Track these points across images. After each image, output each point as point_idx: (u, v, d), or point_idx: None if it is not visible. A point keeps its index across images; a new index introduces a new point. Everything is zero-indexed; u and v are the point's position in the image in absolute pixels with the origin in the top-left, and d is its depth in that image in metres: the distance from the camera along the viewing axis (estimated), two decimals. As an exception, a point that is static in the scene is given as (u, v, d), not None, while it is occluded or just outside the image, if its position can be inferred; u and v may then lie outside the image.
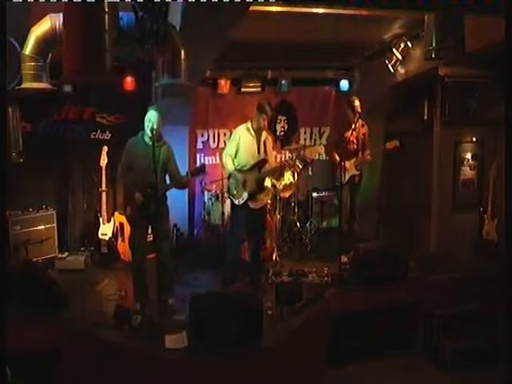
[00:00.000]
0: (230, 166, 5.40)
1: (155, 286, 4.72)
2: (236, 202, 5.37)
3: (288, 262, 6.40)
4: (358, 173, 6.29)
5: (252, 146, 5.41)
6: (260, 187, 5.42)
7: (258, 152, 5.42)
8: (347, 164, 6.14)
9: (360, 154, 6.27)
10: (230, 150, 5.44)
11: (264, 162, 5.43)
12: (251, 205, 5.36)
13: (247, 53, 6.83)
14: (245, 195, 5.32)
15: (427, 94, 6.92)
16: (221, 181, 6.72)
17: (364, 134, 6.32)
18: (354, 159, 6.24)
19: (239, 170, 5.38)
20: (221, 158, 5.59)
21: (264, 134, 5.50)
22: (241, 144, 5.39)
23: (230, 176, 5.45)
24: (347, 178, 6.18)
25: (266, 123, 5.41)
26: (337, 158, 6.23)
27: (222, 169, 6.42)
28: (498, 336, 5.00)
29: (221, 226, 6.70)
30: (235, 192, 5.36)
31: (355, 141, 6.25)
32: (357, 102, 6.16)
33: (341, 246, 5.99)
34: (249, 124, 5.44)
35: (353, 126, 6.16)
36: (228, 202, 6.02)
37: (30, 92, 4.47)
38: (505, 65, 3.21)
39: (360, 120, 6.20)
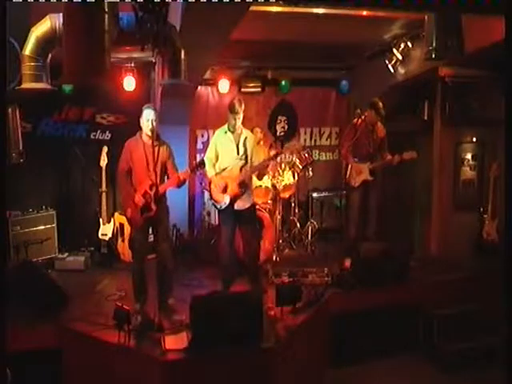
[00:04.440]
0: (210, 172, 5.34)
1: (155, 286, 4.72)
2: (218, 206, 5.33)
3: (288, 262, 6.39)
4: (371, 178, 6.11)
5: (230, 148, 5.30)
6: (243, 189, 5.36)
7: (238, 153, 5.33)
8: (360, 167, 6.06)
9: (375, 158, 6.13)
10: (209, 154, 5.36)
11: (243, 163, 5.31)
12: (236, 206, 5.30)
13: (247, 53, 6.84)
14: (226, 200, 5.26)
15: (427, 94, 6.91)
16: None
17: (382, 138, 6.18)
18: (368, 163, 6.11)
19: (221, 174, 5.31)
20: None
21: (244, 133, 5.36)
22: (219, 148, 5.31)
23: (210, 181, 5.41)
24: (360, 181, 6.12)
25: (239, 121, 5.25)
26: (349, 159, 6.14)
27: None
28: (498, 336, 5.01)
29: (221, 226, 6.70)
30: (216, 198, 5.33)
31: (371, 144, 6.14)
32: (380, 104, 6.05)
33: (345, 249, 5.99)
34: (225, 126, 5.34)
35: (371, 128, 6.11)
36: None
37: (30, 92, 4.47)
38: (505, 65, 3.21)
39: (379, 123, 6.15)
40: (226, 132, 5.33)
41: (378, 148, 6.19)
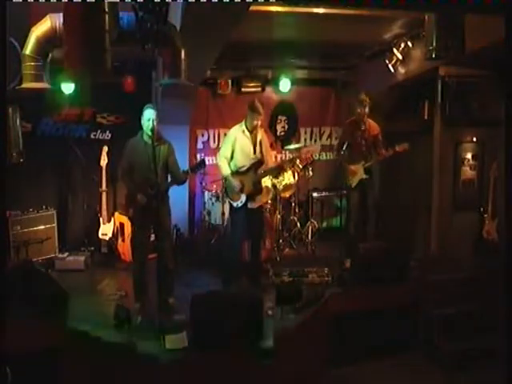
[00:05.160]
0: (225, 170, 5.39)
1: (155, 285, 4.72)
2: (234, 204, 5.37)
3: (288, 262, 6.39)
4: (366, 176, 6.13)
5: (247, 148, 5.39)
6: (257, 188, 5.41)
7: (254, 152, 5.40)
8: (354, 167, 6.06)
9: (370, 156, 6.12)
10: (225, 152, 5.41)
11: (260, 163, 5.41)
12: (249, 205, 5.36)
13: (247, 53, 6.83)
14: (243, 198, 5.32)
15: (427, 93, 6.90)
16: (221, 181, 6.71)
17: (375, 135, 6.18)
18: (363, 162, 6.11)
19: (236, 172, 5.37)
20: (217, 160, 5.56)
21: (259, 133, 5.46)
22: (236, 146, 5.37)
23: (225, 179, 5.44)
24: (356, 181, 6.12)
25: (259, 122, 5.37)
26: (343, 160, 6.14)
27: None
28: (498, 336, 5.01)
29: (221, 225, 6.71)
30: (233, 195, 5.35)
31: (363, 142, 6.14)
32: (365, 97, 6.10)
33: (345, 249, 5.98)
34: (243, 125, 5.41)
35: (362, 127, 6.11)
36: (228, 202, 6.01)
37: (30, 92, 4.47)
38: (505, 65, 3.21)
39: (369, 119, 6.15)
40: (243, 131, 5.38)
41: (373, 146, 6.17)
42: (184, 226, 7.20)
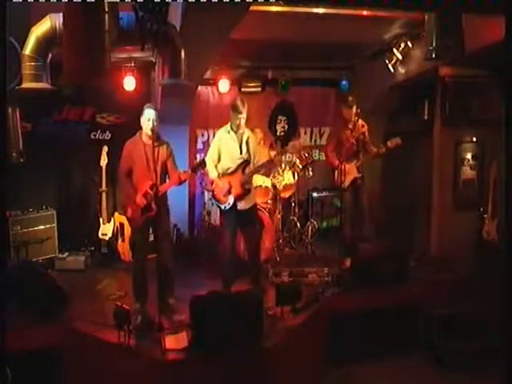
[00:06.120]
0: (212, 173, 5.35)
1: (155, 285, 4.72)
2: (222, 207, 5.34)
3: (288, 262, 6.39)
4: (359, 175, 6.15)
5: (234, 149, 5.32)
6: (246, 188, 5.36)
7: (240, 153, 5.34)
8: (347, 167, 6.06)
9: (361, 154, 6.15)
10: (212, 155, 5.37)
11: (247, 163, 5.36)
12: (239, 206, 5.31)
13: (247, 53, 6.83)
14: (230, 200, 5.27)
15: (427, 93, 6.91)
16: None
17: (363, 133, 6.20)
18: (355, 161, 6.12)
19: (223, 174, 5.34)
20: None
21: (246, 132, 5.37)
22: (222, 148, 5.32)
23: (213, 182, 5.41)
24: (349, 181, 6.11)
25: (242, 121, 5.27)
26: (336, 161, 6.17)
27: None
28: (498, 336, 5.01)
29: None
30: (220, 198, 5.33)
31: (355, 142, 6.16)
32: (350, 98, 6.16)
33: (343, 249, 5.99)
34: (228, 126, 5.36)
35: (351, 126, 6.12)
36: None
37: (30, 92, 4.47)
38: (505, 65, 3.21)
39: (359, 120, 6.17)
40: (228, 132, 5.34)
41: (362, 144, 6.17)
42: (184, 226, 7.19)
